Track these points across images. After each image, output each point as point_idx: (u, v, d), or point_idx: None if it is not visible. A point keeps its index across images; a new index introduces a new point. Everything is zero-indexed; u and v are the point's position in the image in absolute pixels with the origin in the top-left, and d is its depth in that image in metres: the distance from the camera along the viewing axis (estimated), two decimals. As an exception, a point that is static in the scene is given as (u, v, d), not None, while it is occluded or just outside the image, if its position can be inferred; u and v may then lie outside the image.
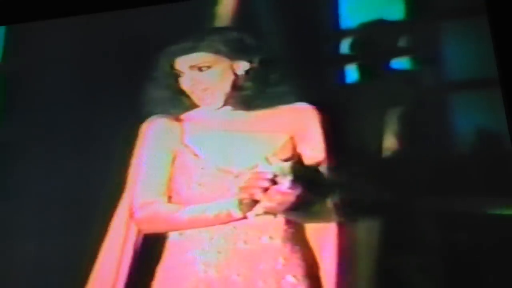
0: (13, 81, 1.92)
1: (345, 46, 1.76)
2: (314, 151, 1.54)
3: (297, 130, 1.55)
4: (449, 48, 1.69)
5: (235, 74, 1.57)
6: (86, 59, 1.87)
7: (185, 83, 1.59)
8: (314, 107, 1.56)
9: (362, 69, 1.75)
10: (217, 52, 1.57)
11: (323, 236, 1.52)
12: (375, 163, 1.64)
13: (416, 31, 1.75)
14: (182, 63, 1.59)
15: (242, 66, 1.58)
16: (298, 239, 1.52)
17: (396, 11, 1.75)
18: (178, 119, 1.60)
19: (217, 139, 1.55)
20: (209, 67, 1.57)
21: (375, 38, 1.76)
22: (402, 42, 1.75)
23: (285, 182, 1.41)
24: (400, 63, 1.74)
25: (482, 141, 1.63)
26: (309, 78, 1.71)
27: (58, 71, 1.86)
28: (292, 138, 1.55)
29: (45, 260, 1.70)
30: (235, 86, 1.57)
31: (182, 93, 1.60)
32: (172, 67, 1.60)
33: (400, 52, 1.74)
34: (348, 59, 1.76)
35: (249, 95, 1.56)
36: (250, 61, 1.58)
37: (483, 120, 1.65)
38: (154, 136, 1.59)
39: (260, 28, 1.79)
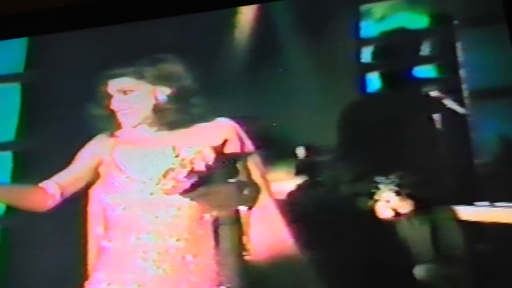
0: (35, 91, 1.94)
1: (366, 55, 1.77)
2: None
3: (214, 142, 1.70)
4: (470, 56, 1.69)
5: (156, 98, 1.74)
6: (106, 69, 1.88)
7: (113, 104, 1.75)
8: (232, 121, 1.72)
9: (383, 78, 1.75)
10: (140, 78, 1.75)
11: None
12: (396, 171, 1.64)
13: (437, 40, 1.75)
14: (112, 86, 1.76)
15: (163, 91, 1.74)
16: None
17: (417, 20, 1.75)
18: (113, 135, 1.78)
19: (139, 156, 1.73)
20: (132, 91, 1.75)
21: (396, 47, 1.76)
22: (423, 51, 1.76)
23: (182, 173, 1.66)
24: (422, 71, 1.75)
25: (504, 149, 1.63)
26: (330, 87, 1.73)
27: (79, 81, 1.88)
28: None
29: (63, 269, 1.72)
30: (157, 109, 1.74)
31: (113, 112, 1.77)
32: (105, 89, 1.78)
33: (421, 61, 1.75)
34: (369, 67, 1.76)
35: (170, 117, 1.74)
36: (176, 87, 1.75)
37: (505, 128, 1.65)
38: (88, 146, 1.77)
39: (279, 37, 1.80)
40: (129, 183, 1.70)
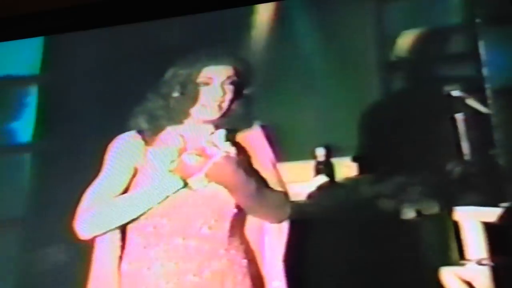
0: (52, 91, 1.93)
1: (388, 53, 1.75)
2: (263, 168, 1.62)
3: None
4: (492, 54, 1.67)
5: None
6: (122, 69, 1.87)
7: (213, 92, 1.60)
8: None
9: (405, 77, 1.73)
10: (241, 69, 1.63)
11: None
12: (421, 171, 1.62)
13: (459, 38, 1.73)
14: (218, 73, 1.61)
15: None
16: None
17: (439, 18, 1.73)
18: (144, 136, 1.64)
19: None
20: (234, 82, 1.62)
21: (417, 45, 1.74)
22: (445, 49, 1.73)
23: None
24: (444, 70, 1.73)
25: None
26: (351, 86, 1.72)
27: (96, 82, 1.87)
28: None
29: (72, 268, 1.71)
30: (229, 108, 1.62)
31: (191, 104, 1.62)
32: (197, 75, 1.62)
33: (443, 59, 1.73)
34: (391, 66, 1.74)
35: (235, 121, 1.63)
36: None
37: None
38: (117, 152, 1.64)
39: (297, 37, 1.79)
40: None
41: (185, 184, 1.59)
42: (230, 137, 1.61)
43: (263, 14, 1.82)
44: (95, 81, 1.87)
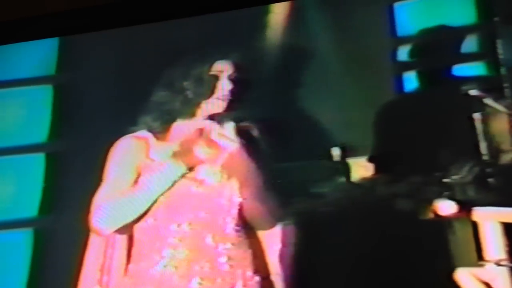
0: (67, 92, 1.94)
1: (404, 53, 1.73)
2: None
3: None
4: (510, 52, 1.65)
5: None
6: (137, 70, 1.87)
7: (222, 86, 1.65)
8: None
9: (421, 76, 1.72)
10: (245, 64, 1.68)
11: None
12: (435, 172, 1.61)
13: (477, 37, 1.72)
14: (226, 67, 1.67)
15: None
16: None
17: (456, 17, 1.72)
18: (142, 137, 1.67)
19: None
20: (238, 76, 1.67)
21: (434, 44, 1.73)
22: (462, 48, 1.72)
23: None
24: (461, 69, 1.71)
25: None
26: (367, 86, 1.70)
27: (111, 82, 1.87)
28: None
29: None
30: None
31: (207, 97, 1.65)
32: (209, 70, 1.67)
33: (460, 58, 1.71)
34: (406, 66, 1.73)
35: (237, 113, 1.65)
36: None
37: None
38: (119, 155, 1.67)
39: (312, 36, 1.78)
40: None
41: (189, 170, 1.62)
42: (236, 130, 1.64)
43: (278, 14, 1.81)
44: (110, 81, 1.88)
